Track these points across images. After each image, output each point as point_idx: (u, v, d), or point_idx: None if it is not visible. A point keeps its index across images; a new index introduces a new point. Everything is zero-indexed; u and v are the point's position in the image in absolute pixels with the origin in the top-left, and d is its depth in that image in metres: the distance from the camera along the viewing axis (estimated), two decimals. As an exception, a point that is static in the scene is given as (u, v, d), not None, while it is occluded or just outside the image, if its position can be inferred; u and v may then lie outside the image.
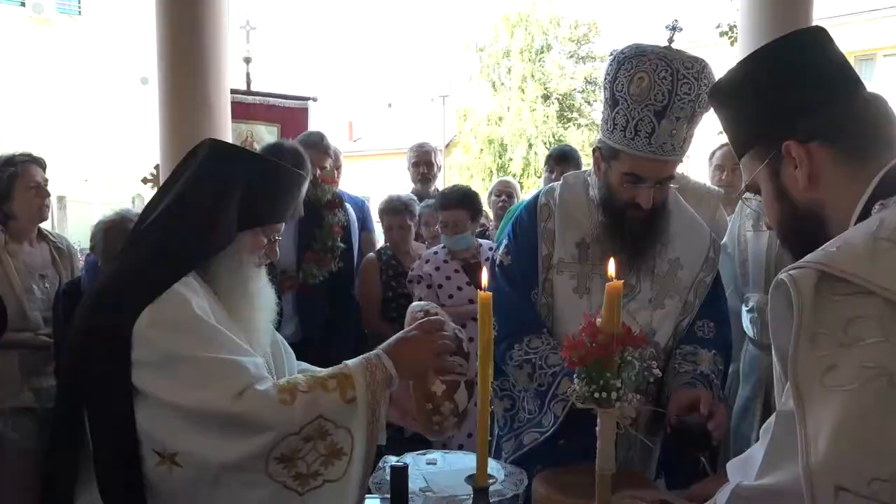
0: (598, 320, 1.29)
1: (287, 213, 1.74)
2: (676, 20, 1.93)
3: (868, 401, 0.88)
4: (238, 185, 1.61)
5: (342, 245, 3.40)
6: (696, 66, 1.81)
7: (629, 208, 1.91)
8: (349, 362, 1.60)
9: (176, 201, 1.62)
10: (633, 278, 1.99)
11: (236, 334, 1.60)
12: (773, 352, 1.05)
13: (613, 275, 1.33)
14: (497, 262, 2.13)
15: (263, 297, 1.75)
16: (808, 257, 1.00)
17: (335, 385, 1.54)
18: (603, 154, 1.94)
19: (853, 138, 1.12)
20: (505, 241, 2.14)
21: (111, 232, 2.73)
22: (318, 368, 1.96)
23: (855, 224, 1.08)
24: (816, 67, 1.16)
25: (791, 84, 1.16)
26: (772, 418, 1.03)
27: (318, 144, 3.99)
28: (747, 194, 1.27)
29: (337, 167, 4.47)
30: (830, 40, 1.19)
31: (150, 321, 1.46)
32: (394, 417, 1.82)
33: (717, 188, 3.44)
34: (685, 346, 2.02)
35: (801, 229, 1.18)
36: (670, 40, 1.88)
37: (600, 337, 1.27)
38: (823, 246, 1.01)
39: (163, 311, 1.48)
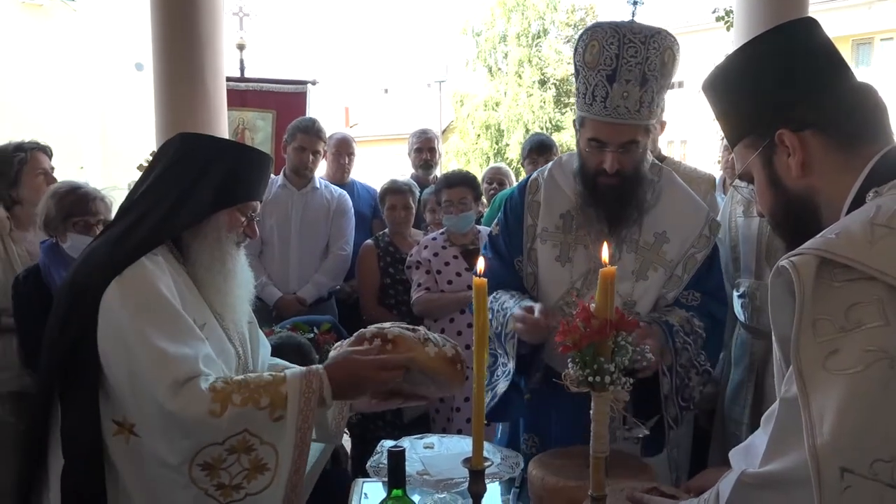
0: (592, 305, 1.31)
1: (261, 191, 1.85)
2: None
3: (870, 384, 0.91)
4: (209, 169, 1.74)
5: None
6: (645, 32, 1.90)
7: (599, 174, 1.99)
8: (290, 376, 1.65)
9: (150, 186, 1.76)
10: (612, 247, 2.04)
11: (204, 311, 1.72)
12: (774, 338, 1.06)
13: (607, 260, 1.35)
14: (489, 232, 2.28)
15: (242, 274, 1.84)
16: (807, 244, 1.01)
17: (267, 403, 1.60)
18: (576, 124, 2.06)
19: (844, 127, 1.14)
20: (499, 216, 2.27)
21: (65, 200, 2.78)
22: (287, 364, 2.04)
23: (848, 210, 1.10)
24: (808, 58, 1.18)
25: (783, 74, 1.18)
26: (774, 405, 1.05)
27: (310, 129, 4.01)
28: (738, 182, 1.28)
29: (349, 153, 4.47)
30: (820, 31, 1.21)
31: (112, 294, 1.58)
32: (364, 406, 1.89)
33: (707, 173, 3.46)
34: (665, 307, 2.08)
35: (793, 216, 1.20)
36: (633, 14, 2.01)
37: (594, 322, 1.29)
38: (822, 233, 1.03)
39: (125, 285, 1.59)
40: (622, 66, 1.89)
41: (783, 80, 1.18)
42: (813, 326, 0.96)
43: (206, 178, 1.73)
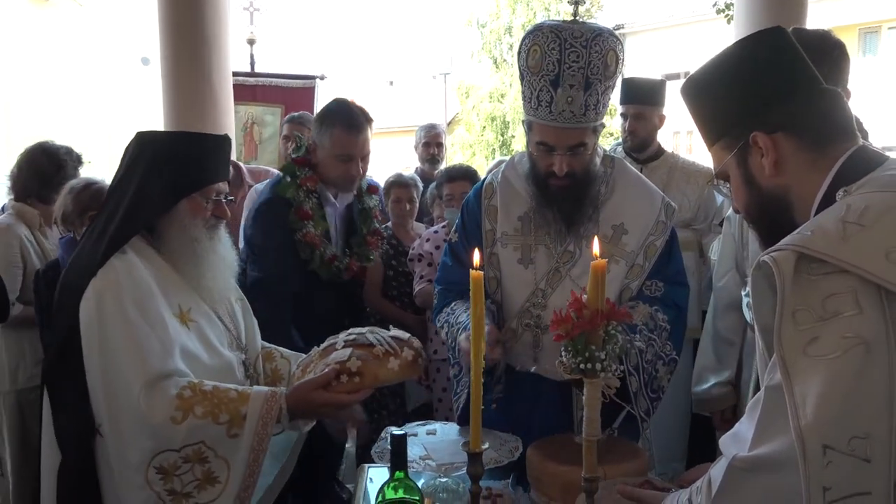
0: (584, 297, 1.38)
1: (219, 173, 1.89)
2: None
3: (848, 367, 0.99)
4: (160, 162, 1.80)
5: (382, 228, 3.40)
6: (586, 36, 1.89)
7: (549, 177, 2.01)
8: (253, 396, 1.72)
9: (115, 185, 1.84)
10: (571, 244, 2.07)
11: (189, 294, 1.80)
12: (756, 328, 1.14)
13: (598, 253, 1.41)
14: (448, 239, 2.28)
15: (216, 255, 1.89)
16: (785, 240, 1.09)
17: (226, 419, 1.67)
18: (524, 126, 2.07)
19: (814, 129, 1.22)
20: (456, 222, 2.28)
21: (83, 194, 2.89)
22: (286, 351, 2.12)
23: (817, 206, 1.19)
24: (780, 65, 1.26)
25: (757, 80, 1.26)
26: (760, 394, 1.12)
27: (294, 118, 4.22)
28: (718, 180, 1.36)
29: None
30: (790, 39, 1.29)
31: (88, 296, 1.67)
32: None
33: (706, 167, 3.50)
34: (629, 302, 2.09)
35: (766, 212, 1.28)
36: (574, 14, 2.00)
37: (585, 312, 1.35)
38: (798, 230, 1.11)
39: (98, 288, 1.67)
40: (565, 72, 1.89)
41: (757, 85, 1.26)
42: (793, 316, 1.04)
43: (158, 172, 1.79)
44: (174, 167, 1.80)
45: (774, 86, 1.25)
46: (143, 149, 1.84)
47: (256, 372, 2.02)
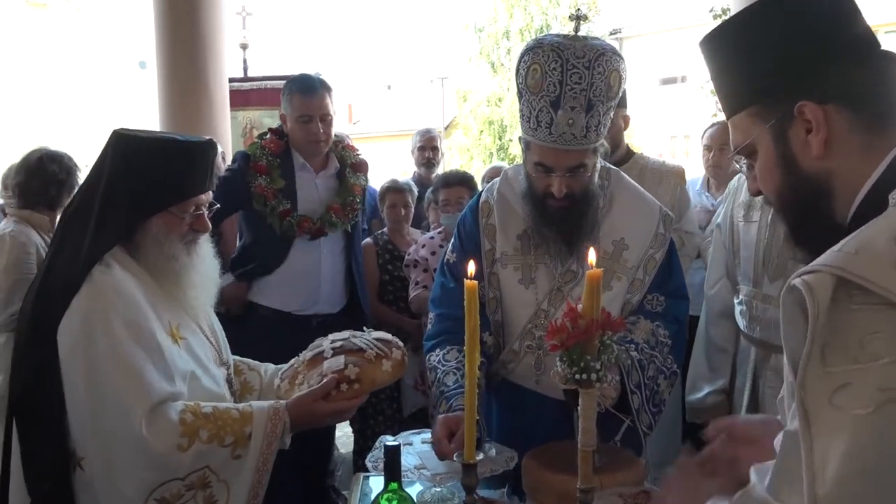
0: (579, 306, 1.37)
1: (201, 185, 1.74)
2: (580, 9, 1.97)
3: (881, 428, 0.79)
4: (133, 172, 1.65)
5: (360, 204, 3.44)
6: (589, 55, 1.81)
7: (547, 197, 1.95)
8: (256, 415, 1.67)
9: (80, 198, 1.71)
10: (574, 264, 2.02)
11: (176, 309, 1.71)
12: (786, 360, 0.94)
13: (594, 262, 1.40)
14: (445, 260, 2.19)
15: (195, 273, 1.77)
16: (824, 259, 0.88)
17: (231, 441, 1.62)
18: (521, 144, 2.01)
19: (872, 105, 1.00)
20: (452, 241, 2.21)
21: None
22: (252, 362, 2.07)
23: (862, 199, 0.99)
24: (838, 22, 1.03)
25: (810, 37, 1.02)
26: (782, 432, 0.94)
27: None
28: (738, 156, 1.14)
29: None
30: None
31: (71, 317, 1.54)
32: None
33: (676, 165, 3.46)
34: (630, 317, 2.04)
35: (802, 199, 1.05)
36: (576, 29, 1.91)
37: (581, 322, 1.34)
38: (840, 246, 0.89)
39: (84, 308, 1.55)
40: (566, 94, 1.82)
41: (810, 44, 1.02)
42: (822, 354, 0.84)
43: (130, 182, 1.65)
44: (146, 179, 1.65)
45: (830, 47, 1.00)
46: (119, 154, 1.69)
47: (234, 387, 1.94)
